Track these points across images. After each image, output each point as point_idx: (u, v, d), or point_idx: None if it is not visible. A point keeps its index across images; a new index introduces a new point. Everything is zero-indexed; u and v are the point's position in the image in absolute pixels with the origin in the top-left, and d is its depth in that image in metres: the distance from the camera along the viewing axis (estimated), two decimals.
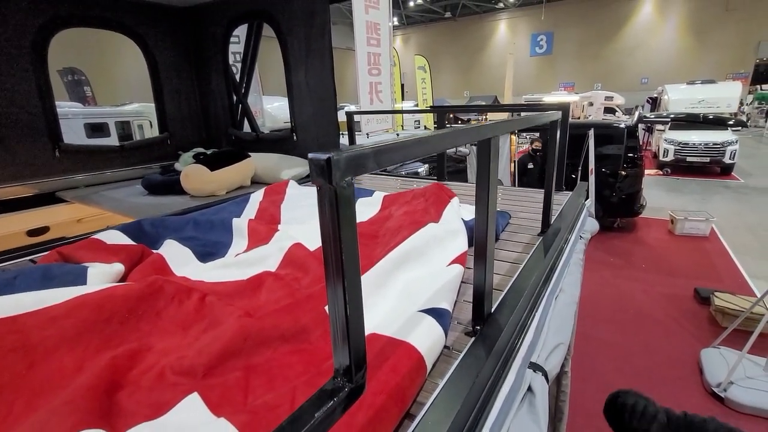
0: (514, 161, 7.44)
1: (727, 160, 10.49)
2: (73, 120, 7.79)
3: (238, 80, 3.72)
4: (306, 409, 0.47)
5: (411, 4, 28.60)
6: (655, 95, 16.96)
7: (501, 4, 29.36)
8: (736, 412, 2.82)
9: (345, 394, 0.51)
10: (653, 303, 4.57)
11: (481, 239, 0.90)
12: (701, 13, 23.69)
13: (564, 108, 1.95)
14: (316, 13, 2.95)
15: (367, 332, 0.85)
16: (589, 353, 3.69)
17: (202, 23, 3.67)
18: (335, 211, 0.43)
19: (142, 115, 9.15)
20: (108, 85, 13.36)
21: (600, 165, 6.42)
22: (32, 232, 3.01)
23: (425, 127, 10.31)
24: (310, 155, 0.41)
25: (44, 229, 3.07)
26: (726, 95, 13.44)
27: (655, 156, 12.45)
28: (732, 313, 3.82)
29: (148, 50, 3.52)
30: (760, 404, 2.79)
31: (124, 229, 1.55)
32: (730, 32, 23.01)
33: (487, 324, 0.95)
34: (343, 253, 0.45)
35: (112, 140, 8.46)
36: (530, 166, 6.08)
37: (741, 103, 19.77)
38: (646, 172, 7.54)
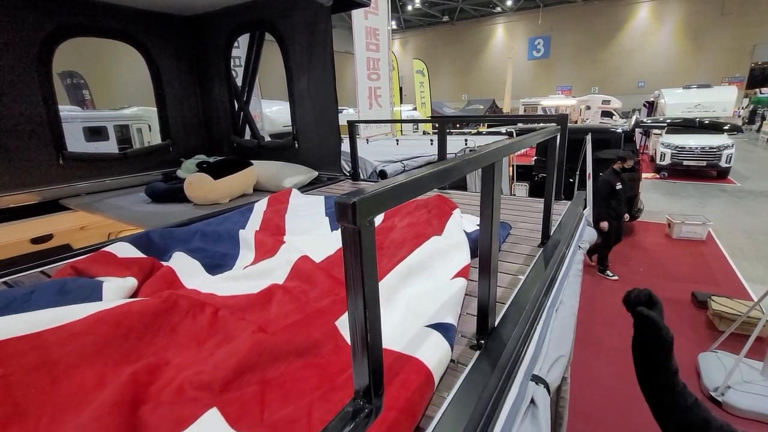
0: (512, 165, 7.50)
1: (723, 163, 10.59)
2: (72, 123, 7.78)
3: (239, 87, 3.76)
4: (331, 429, 0.51)
5: (409, 8, 28.75)
6: (652, 99, 17.10)
7: (498, 9, 29.54)
8: (733, 416, 2.85)
9: (365, 415, 0.54)
10: None
11: (485, 256, 0.94)
12: (697, 17, 23.90)
13: (562, 120, 2.00)
14: (318, 22, 2.99)
15: None
16: (588, 358, 3.72)
17: (204, 32, 3.71)
18: (359, 249, 0.47)
19: (141, 118, 9.14)
20: (106, 89, 13.37)
21: (598, 170, 6.47)
22: (36, 240, 3.03)
23: (424, 132, 10.39)
24: (336, 199, 0.44)
25: (48, 237, 3.09)
26: (721, 99, 13.60)
27: (652, 159, 12.55)
28: (729, 317, 3.86)
29: (150, 59, 3.55)
30: (758, 408, 2.82)
31: (134, 240, 1.58)
32: (725, 36, 23.22)
33: (491, 338, 0.99)
34: (365, 286, 0.48)
35: (111, 144, 8.46)
36: (618, 186, 5.28)
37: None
38: (643, 175, 7.60)
